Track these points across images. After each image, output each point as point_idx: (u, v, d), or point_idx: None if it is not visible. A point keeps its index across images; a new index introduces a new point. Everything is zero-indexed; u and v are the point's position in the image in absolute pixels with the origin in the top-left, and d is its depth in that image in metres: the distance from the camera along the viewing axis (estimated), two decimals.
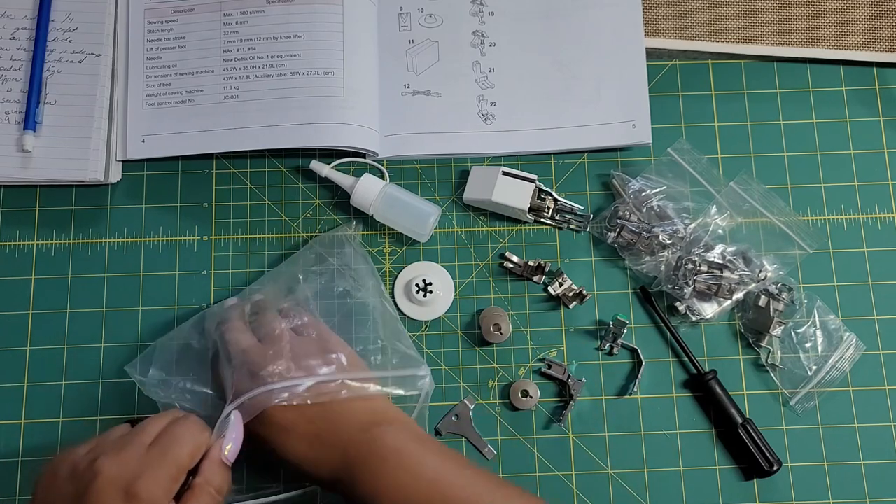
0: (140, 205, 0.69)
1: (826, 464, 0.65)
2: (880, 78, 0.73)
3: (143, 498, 0.48)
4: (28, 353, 0.66)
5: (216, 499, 0.52)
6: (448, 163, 0.71)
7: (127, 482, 0.48)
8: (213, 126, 0.69)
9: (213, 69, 0.70)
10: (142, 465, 0.49)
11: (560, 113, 0.71)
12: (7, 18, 0.70)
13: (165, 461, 0.50)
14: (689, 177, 0.69)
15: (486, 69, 0.72)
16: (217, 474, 0.52)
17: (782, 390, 0.66)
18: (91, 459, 0.50)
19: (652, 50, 0.73)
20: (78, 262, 0.68)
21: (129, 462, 0.49)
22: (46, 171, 0.68)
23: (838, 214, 0.70)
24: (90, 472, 0.49)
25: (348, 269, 0.66)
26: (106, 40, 0.70)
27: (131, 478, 0.49)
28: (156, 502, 0.49)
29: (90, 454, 0.51)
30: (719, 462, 0.65)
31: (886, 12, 0.73)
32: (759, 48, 0.73)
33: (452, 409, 0.66)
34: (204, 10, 0.71)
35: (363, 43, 0.70)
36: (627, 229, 0.67)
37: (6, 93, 0.69)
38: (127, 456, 0.50)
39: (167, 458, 0.50)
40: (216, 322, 0.61)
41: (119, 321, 0.67)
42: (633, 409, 0.66)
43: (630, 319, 0.67)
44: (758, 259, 0.67)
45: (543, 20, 0.72)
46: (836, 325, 0.66)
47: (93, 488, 0.48)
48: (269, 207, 0.70)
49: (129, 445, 0.51)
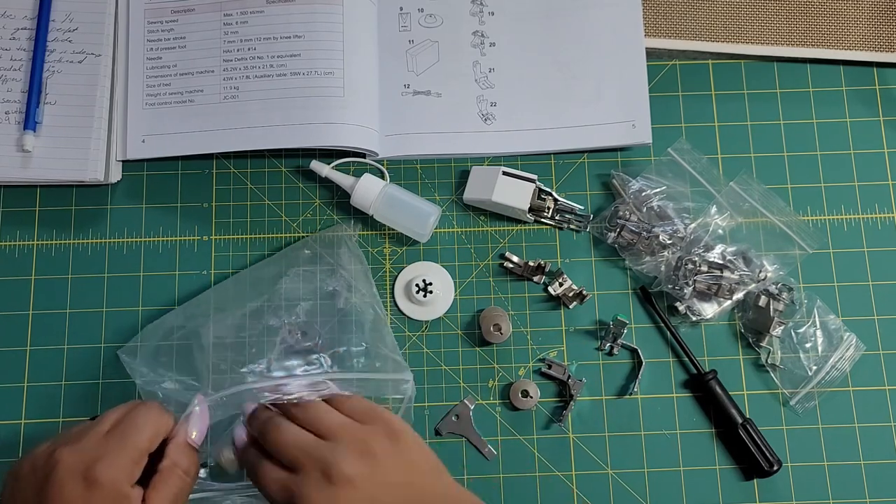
0: (140, 205, 0.69)
1: (826, 464, 0.65)
2: (880, 78, 0.73)
3: (103, 482, 0.48)
4: (28, 353, 0.66)
5: (184, 480, 0.52)
6: (448, 163, 0.71)
7: (86, 467, 0.48)
8: (213, 126, 0.69)
9: (213, 69, 0.70)
10: (100, 451, 0.49)
11: (560, 113, 0.71)
12: (7, 18, 0.70)
13: (125, 445, 0.50)
14: (689, 177, 0.69)
15: (486, 69, 0.72)
16: (184, 456, 0.52)
17: (782, 390, 0.66)
18: (49, 452, 0.50)
19: (652, 50, 0.73)
20: (78, 262, 0.68)
21: (87, 449, 0.49)
22: (46, 171, 0.68)
23: (838, 214, 0.70)
24: (49, 463, 0.49)
25: (342, 269, 0.66)
26: (106, 40, 0.70)
27: (90, 462, 0.48)
28: (117, 486, 0.48)
29: (49, 447, 0.51)
30: (719, 462, 0.65)
31: (886, 12, 0.73)
32: (759, 48, 0.73)
33: (452, 409, 0.66)
34: (204, 10, 0.71)
35: (363, 43, 0.70)
36: (627, 229, 0.67)
37: (6, 93, 0.69)
38: (85, 444, 0.50)
39: (126, 443, 0.50)
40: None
41: (119, 321, 0.67)
42: (633, 409, 0.66)
43: (630, 319, 0.67)
44: (758, 259, 0.67)
45: (543, 20, 0.72)
46: (837, 325, 0.66)
47: (52, 478, 0.48)
48: (269, 207, 0.69)
49: (86, 434, 0.51)
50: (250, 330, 0.64)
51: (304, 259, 0.66)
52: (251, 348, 0.58)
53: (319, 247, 0.67)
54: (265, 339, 0.63)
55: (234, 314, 0.64)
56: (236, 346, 0.63)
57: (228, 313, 0.64)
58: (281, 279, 0.65)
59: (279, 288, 0.65)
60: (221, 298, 0.65)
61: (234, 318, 0.64)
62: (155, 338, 0.63)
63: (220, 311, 0.64)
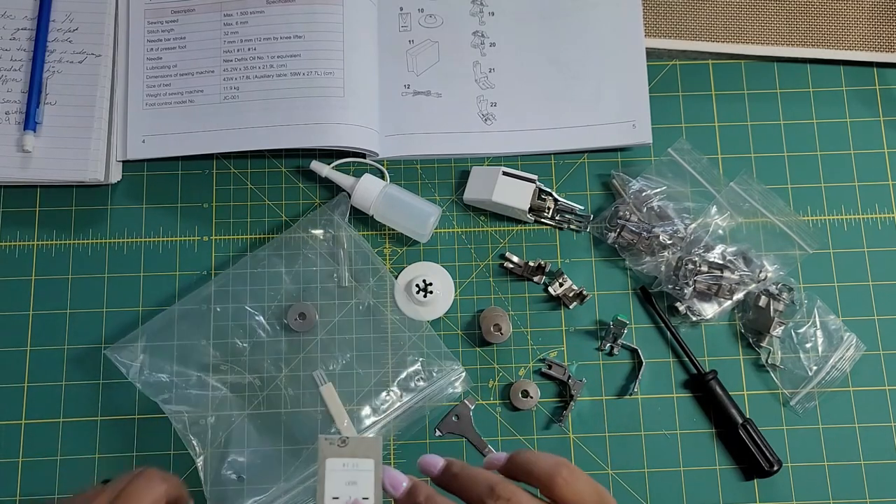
0: (140, 205, 0.69)
1: (826, 464, 0.65)
2: (880, 78, 0.73)
3: None
4: (28, 353, 0.66)
5: None
6: (448, 163, 0.71)
7: None
8: (213, 126, 0.69)
9: (213, 69, 0.70)
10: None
11: (560, 113, 0.71)
12: (7, 19, 0.70)
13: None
14: (689, 177, 0.69)
15: (487, 69, 0.72)
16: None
17: (782, 390, 0.66)
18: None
19: (652, 50, 0.73)
20: (78, 262, 0.68)
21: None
22: (46, 172, 0.68)
23: (838, 214, 0.70)
24: None
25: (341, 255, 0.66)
26: (106, 40, 0.70)
27: None
28: None
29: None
30: (719, 462, 0.65)
31: (886, 12, 0.73)
32: (759, 48, 0.73)
33: (453, 409, 0.66)
34: (204, 11, 0.71)
35: (363, 43, 0.70)
36: (628, 229, 0.67)
37: (6, 93, 0.69)
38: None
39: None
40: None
41: (119, 321, 0.67)
42: (633, 410, 0.66)
43: (630, 319, 0.67)
44: (758, 259, 0.67)
45: (543, 20, 0.72)
46: (837, 326, 0.66)
47: None
48: (269, 207, 0.69)
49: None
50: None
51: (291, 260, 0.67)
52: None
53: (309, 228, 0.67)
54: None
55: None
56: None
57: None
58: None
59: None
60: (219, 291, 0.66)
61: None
62: (150, 334, 0.64)
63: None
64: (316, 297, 0.66)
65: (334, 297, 0.66)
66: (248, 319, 0.65)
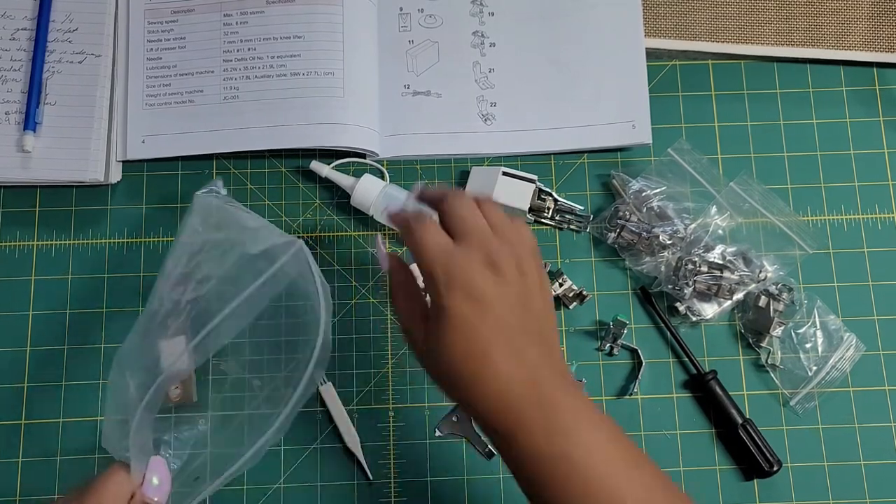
0: (140, 205, 0.69)
1: (826, 464, 0.65)
2: (880, 78, 0.73)
3: None
4: (28, 353, 0.66)
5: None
6: (448, 163, 0.71)
7: None
8: (213, 126, 0.69)
9: (213, 69, 0.70)
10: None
11: (560, 113, 0.71)
12: (7, 19, 0.70)
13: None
14: (689, 177, 0.69)
15: (486, 69, 0.72)
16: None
17: (782, 390, 0.66)
18: None
19: (652, 50, 0.73)
20: (78, 262, 0.68)
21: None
22: (46, 172, 0.68)
23: (838, 214, 0.70)
24: None
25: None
26: (106, 41, 0.70)
27: None
28: None
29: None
30: (719, 462, 0.65)
31: (886, 12, 0.73)
32: (759, 48, 0.73)
33: (453, 409, 0.66)
34: (204, 11, 0.71)
35: (363, 43, 0.70)
36: (627, 230, 0.67)
37: (6, 93, 0.69)
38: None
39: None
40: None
41: (119, 321, 0.67)
42: (633, 410, 0.66)
43: (630, 320, 0.67)
44: (758, 259, 0.67)
45: (543, 20, 0.72)
46: (837, 326, 0.66)
47: None
48: (269, 207, 0.69)
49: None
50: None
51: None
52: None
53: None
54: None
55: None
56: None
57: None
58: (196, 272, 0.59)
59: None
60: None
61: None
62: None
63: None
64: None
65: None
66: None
